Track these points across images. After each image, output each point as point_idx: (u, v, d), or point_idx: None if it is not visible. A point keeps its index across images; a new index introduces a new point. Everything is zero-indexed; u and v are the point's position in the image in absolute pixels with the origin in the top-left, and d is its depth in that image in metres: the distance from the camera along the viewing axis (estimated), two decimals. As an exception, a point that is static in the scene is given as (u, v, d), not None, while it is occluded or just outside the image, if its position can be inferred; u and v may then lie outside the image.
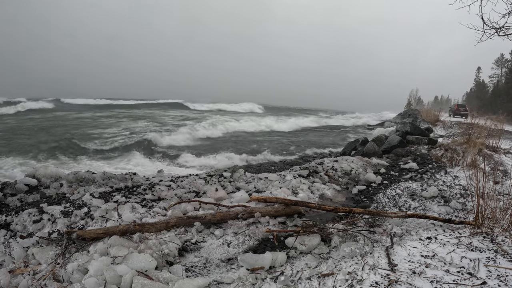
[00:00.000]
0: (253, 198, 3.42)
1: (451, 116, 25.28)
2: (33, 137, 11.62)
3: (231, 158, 8.79)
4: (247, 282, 2.04)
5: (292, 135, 16.46)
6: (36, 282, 2.09)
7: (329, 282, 1.97)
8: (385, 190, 4.60)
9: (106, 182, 4.20)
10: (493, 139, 7.51)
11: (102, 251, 2.32)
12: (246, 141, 13.37)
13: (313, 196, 4.20)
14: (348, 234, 2.66)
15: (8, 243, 2.75)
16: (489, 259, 2.11)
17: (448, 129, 14.47)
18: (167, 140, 11.93)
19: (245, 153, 9.49)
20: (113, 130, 14.26)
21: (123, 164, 8.37)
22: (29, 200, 3.73)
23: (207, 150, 10.38)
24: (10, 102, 28.84)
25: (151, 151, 10.17)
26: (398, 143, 8.42)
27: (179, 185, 4.05)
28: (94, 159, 8.85)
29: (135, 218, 3.03)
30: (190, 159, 8.85)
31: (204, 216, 3.01)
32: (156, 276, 1.98)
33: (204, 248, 2.66)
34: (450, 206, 3.63)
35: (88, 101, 37.63)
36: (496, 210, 2.72)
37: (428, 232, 2.73)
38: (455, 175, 5.10)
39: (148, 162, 8.61)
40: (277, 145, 12.48)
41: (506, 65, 43.47)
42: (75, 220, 3.04)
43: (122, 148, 10.44)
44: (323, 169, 5.34)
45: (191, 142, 12.38)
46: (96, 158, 9.06)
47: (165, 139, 11.99)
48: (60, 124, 16.31)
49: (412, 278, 1.90)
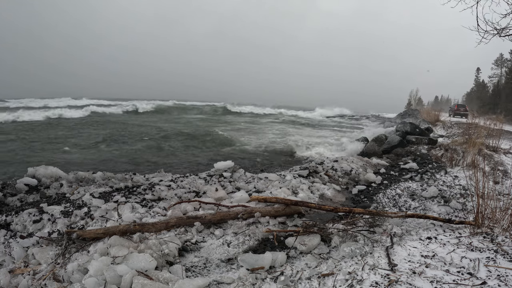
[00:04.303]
0: (253, 198, 3.42)
1: (451, 116, 25.26)
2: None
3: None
4: (247, 282, 2.04)
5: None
6: (36, 282, 2.09)
7: (329, 282, 1.97)
8: (385, 190, 4.60)
9: (106, 182, 4.20)
10: (493, 139, 7.51)
11: (102, 251, 2.32)
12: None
13: (313, 196, 4.20)
14: (348, 234, 2.66)
15: (8, 243, 2.75)
16: (489, 259, 2.10)
17: (448, 129, 14.46)
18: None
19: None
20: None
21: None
22: (29, 200, 3.73)
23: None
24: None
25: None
26: (398, 143, 8.42)
27: (179, 185, 4.05)
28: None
29: (135, 218, 3.03)
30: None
31: (204, 216, 3.01)
32: (156, 276, 1.98)
33: (204, 248, 2.66)
34: (450, 206, 3.63)
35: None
36: (496, 210, 2.71)
37: (428, 232, 2.73)
38: (455, 175, 5.11)
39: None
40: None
41: (506, 65, 43.45)
42: (75, 220, 3.04)
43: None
44: (323, 169, 5.34)
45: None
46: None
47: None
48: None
49: (412, 278, 1.90)
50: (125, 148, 10.16)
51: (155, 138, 12.33)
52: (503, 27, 3.79)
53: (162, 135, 12.99)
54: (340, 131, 17.66)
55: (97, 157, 8.71)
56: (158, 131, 14.44)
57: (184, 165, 7.77)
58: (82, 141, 11.34)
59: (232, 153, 9.49)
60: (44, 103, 30.75)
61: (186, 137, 12.66)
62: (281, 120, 25.84)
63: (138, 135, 12.97)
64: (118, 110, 27.67)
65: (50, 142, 11.13)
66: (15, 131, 13.31)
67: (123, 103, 34.34)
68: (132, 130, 14.91)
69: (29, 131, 13.60)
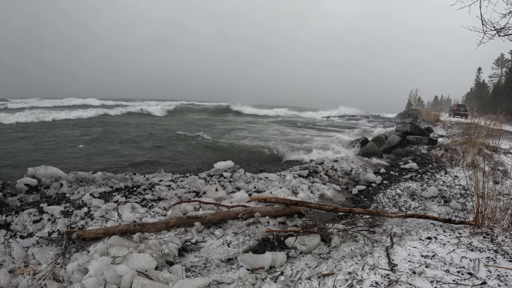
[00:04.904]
0: (253, 198, 3.42)
1: (451, 116, 25.27)
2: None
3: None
4: (247, 282, 2.04)
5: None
6: (36, 282, 2.09)
7: (329, 282, 1.97)
8: (385, 190, 4.60)
9: (106, 182, 4.20)
10: (493, 139, 7.51)
11: (102, 251, 2.32)
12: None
13: (313, 196, 4.20)
14: (348, 234, 2.66)
15: (8, 243, 2.75)
16: (489, 259, 2.10)
17: (448, 129, 14.47)
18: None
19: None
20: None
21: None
22: (29, 200, 3.73)
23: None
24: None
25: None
26: (398, 143, 8.42)
27: (179, 185, 4.05)
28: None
29: (135, 218, 3.03)
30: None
31: (204, 216, 3.01)
32: (156, 276, 1.98)
33: (204, 248, 2.66)
34: (450, 206, 3.63)
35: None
36: (496, 210, 2.71)
37: (428, 232, 2.73)
38: (455, 175, 5.11)
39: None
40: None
41: (506, 65, 43.45)
42: (75, 220, 3.04)
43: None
44: (323, 169, 5.34)
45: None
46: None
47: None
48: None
49: (412, 278, 1.90)
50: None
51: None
52: (502, 27, 3.79)
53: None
54: (341, 131, 17.62)
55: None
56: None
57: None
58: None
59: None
60: (53, 104, 30.64)
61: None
62: (279, 120, 25.80)
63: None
64: (158, 110, 27.37)
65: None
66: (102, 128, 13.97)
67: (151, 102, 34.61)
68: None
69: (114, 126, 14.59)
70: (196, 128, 15.62)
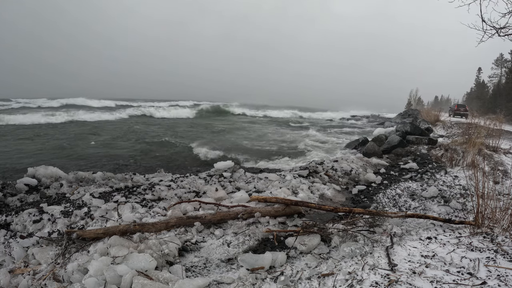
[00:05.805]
0: (253, 198, 3.42)
1: (451, 116, 25.25)
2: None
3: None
4: (247, 282, 2.04)
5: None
6: (36, 282, 2.09)
7: (329, 282, 1.97)
8: (385, 190, 4.60)
9: (106, 182, 4.20)
10: (493, 139, 7.51)
11: (102, 251, 2.32)
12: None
13: (313, 196, 4.20)
14: (348, 234, 2.66)
15: (8, 243, 2.75)
16: (489, 259, 2.10)
17: (448, 129, 14.46)
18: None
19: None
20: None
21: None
22: (29, 200, 3.73)
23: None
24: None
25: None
26: (398, 143, 8.42)
27: (179, 185, 4.05)
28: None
29: (135, 218, 3.03)
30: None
31: (204, 216, 3.01)
32: (156, 276, 1.98)
33: (204, 248, 2.66)
34: (450, 206, 3.63)
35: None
36: (496, 210, 2.71)
37: (428, 232, 2.73)
38: (455, 175, 5.11)
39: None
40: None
41: (505, 65, 43.46)
42: (75, 220, 3.04)
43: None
44: (323, 169, 5.34)
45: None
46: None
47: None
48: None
49: (412, 278, 1.90)
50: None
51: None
52: (502, 26, 3.79)
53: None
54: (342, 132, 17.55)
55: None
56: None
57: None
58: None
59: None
60: (61, 103, 30.44)
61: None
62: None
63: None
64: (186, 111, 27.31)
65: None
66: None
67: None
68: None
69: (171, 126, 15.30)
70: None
